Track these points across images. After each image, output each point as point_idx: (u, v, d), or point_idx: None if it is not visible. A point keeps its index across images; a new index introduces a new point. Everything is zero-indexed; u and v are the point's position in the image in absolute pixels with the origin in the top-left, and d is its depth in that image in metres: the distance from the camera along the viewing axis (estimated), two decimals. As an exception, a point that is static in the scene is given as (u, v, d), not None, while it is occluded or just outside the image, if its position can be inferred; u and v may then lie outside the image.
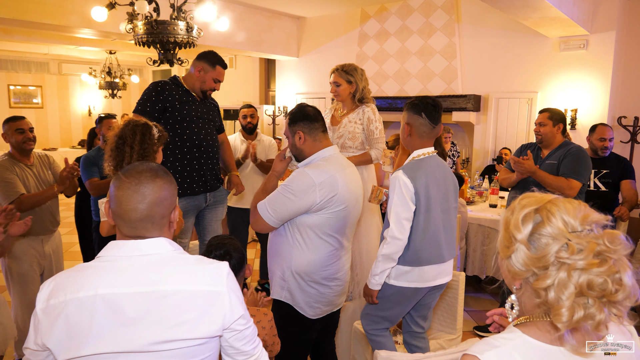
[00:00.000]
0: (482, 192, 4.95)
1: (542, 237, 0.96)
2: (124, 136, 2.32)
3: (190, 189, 3.10)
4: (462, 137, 6.94)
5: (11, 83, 10.93)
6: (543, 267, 0.95)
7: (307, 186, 2.04)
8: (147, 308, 1.16)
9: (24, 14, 5.19)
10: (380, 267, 2.28)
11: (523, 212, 0.99)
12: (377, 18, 7.27)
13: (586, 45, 5.64)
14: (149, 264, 1.20)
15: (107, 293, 1.15)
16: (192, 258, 1.28)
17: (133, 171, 1.24)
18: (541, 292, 0.95)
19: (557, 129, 3.36)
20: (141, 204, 1.21)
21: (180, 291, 1.18)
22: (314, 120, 2.18)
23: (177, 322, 1.17)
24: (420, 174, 2.23)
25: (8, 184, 2.97)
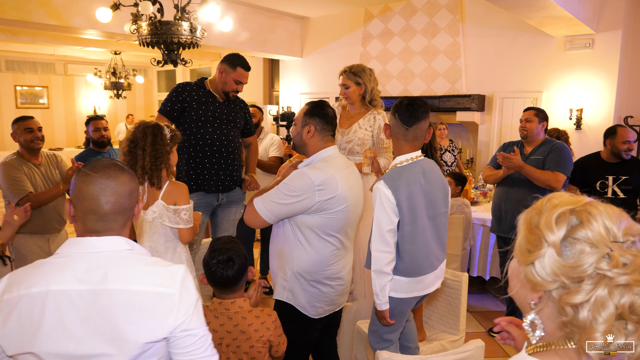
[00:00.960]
0: (487, 193, 4.94)
1: (577, 243, 0.79)
2: (136, 139, 2.32)
3: (202, 186, 3.15)
4: (467, 137, 6.92)
5: (18, 84, 10.99)
6: (577, 279, 0.78)
7: (306, 187, 2.03)
8: (96, 306, 1.15)
9: (29, 16, 5.22)
10: (377, 284, 2.18)
11: (557, 211, 0.82)
12: (381, 18, 7.26)
13: (592, 45, 5.60)
14: (102, 262, 1.19)
15: (58, 290, 1.15)
16: (148, 259, 1.26)
17: (100, 165, 1.25)
18: (569, 309, 0.78)
19: (542, 127, 3.56)
20: (114, 196, 1.22)
21: (128, 291, 1.16)
22: (329, 123, 2.20)
23: (123, 322, 1.15)
24: (402, 183, 2.12)
25: (16, 183, 3.02)
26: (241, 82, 3.23)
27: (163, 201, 2.33)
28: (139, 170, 2.30)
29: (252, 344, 1.80)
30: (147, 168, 2.30)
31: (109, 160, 1.29)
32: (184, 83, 3.28)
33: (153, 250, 2.40)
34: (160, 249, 2.40)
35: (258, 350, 1.82)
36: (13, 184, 3.02)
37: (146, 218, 2.35)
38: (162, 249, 2.41)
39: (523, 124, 3.61)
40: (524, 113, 3.68)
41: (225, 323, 1.81)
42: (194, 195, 3.16)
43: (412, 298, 2.29)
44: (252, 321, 1.82)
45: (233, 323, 1.81)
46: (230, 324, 1.81)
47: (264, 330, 1.83)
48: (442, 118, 6.69)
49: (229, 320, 1.81)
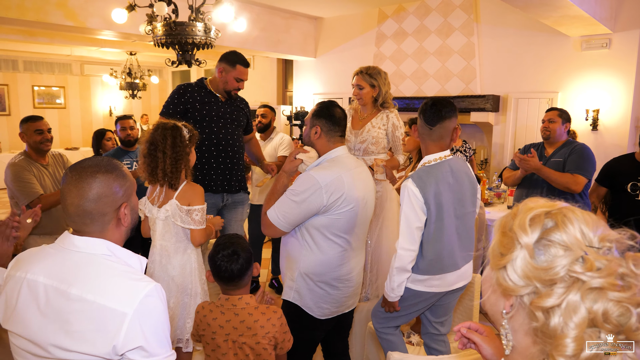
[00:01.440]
0: (501, 194, 4.89)
1: (552, 245, 0.76)
2: (155, 142, 2.30)
3: (209, 187, 3.15)
4: (481, 138, 6.87)
5: (35, 84, 11.17)
6: (549, 282, 0.74)
7: (314, 189, 2.03)
8: (55, 305, 1.16)
9: (47, 17, 5.31)
10: (395, 280, 2.23)
11: (531, 213, 0.79)
12: (395, 18, 7.24)
13: (609, 45, 5.52)
14: (78, 262, 1.20)
15: (32, 279, 1.20)
16: (119, 269, 1.20)
17: (78, 166, 1.25)
18: (540, 314, 0.75)
19: (565, 128, 3.49)
20: (77, 199, 1.21)
21: (85, 300, 1.14)
22: (336, 124, 2.17)
23: (73, 329, 1.13)
24: (430, 182, 2.16)
25: (27, 185, 3.01)
26: (242, 79, 3.21)
27: (177, 201, 2.33)
28: (160, 173, 2.29)
29: (258, 340, 1.81)
30: (167, 171, 2.29)
31: (94, 160, 1.27)
32: (185, 84, 3.25)
33: (163, 250, 2.40)
34: (170, 248, 2.40)
35: (264, 347, 1.83)
36: (23, 186, 3.00)
37: (159, 217, 2.36)
38: (172, 249, 2.40)
39: (546, 124, 3.52)
40: (546, 113, 3.59)
41: (231, 319, 1.82)
42: None
43: (427, 292, 2.29)
44: (258, 317, 1.83)
45: (240, 319, 1.82)
46: (236, 320, 1.82)
47: (269, 327, 1.84)
48: (455, 118, 6.64)
49: (235, 317, 1.82)
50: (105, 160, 1.27)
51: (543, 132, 3.54)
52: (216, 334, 1.83)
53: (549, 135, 3.49)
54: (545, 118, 3.56)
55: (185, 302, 2.42)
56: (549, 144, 3.54)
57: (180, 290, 2.41)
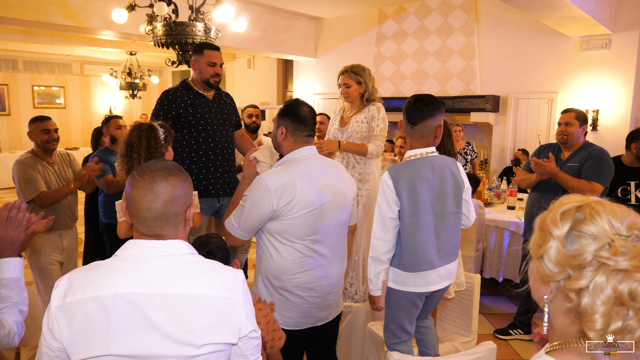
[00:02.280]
0: (500, 194, 4.90)
1: (581, 236, 0.84)
2: (131, 143, 2.37)
3: (206, 190, 3.12)
4: (481, 138, 6.87)
5: (35, 84, 11.17)
6: (578, 267, 0.83)
7: (262, 193, 1.96)
8: (168, 310, 1.16)
9: (47, 17, 5.31)
10: (372, 270, 2.25)
11: (563, 208, 0.88)
12: (395, 18, 7.24)
13: (609, 45, 5.53)
14: (168, 266, 1.20)
15: (128, 292, 1.15)
16: (208, 262, 1.27)
17: (147, 170, 1.24)
18: (573, 295, 0.84)
19: (582, 130, 3.29)
20: (155, 203, 1.21)
21: (201, 296, 1.18)
22: (302, 123, 2.07)
23: (196, 326, 1.16)
24: (405, 175, 2.15)
25: (30, 182, 3.11)
26: (214, 62, 3.10)
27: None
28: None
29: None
30: None
31: (161, 163, 1.28)
32: (171, 89, 3.14)
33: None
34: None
35: None
36: (27, 183, 3.11)
37: None
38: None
39: (562, 127, 3.28)
40: (562, 115, 3.35)
41: None
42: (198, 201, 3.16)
43: (412, 293, 2.27)
44: None
45: None
46: None
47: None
48: (456, 119, 6.65)
49: None
50: (171, 163, 1.29)
51: (560, 137, 3.32)
52: None
53: (566, 139, 3.28)
54: (561, 121, 3.32)
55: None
56: (567, 147, 3.34)
57: None
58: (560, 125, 3.33)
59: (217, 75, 3.13)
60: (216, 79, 3.14)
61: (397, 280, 2.28)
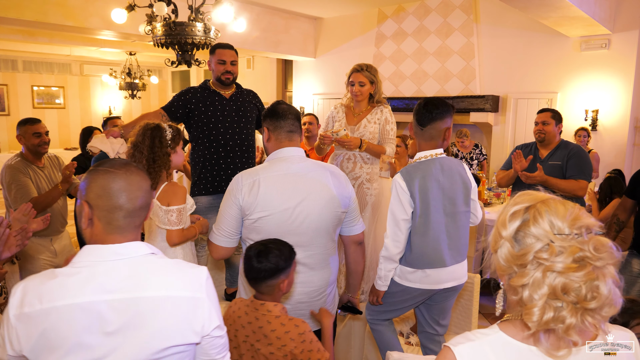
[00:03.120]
0: (500, 194, 4.90)
1: (527, 237, 0.95)
2: (137, 142, 2.34)
3: (219, 187, 3.15)
4: (480, 138, 6.87)
5: (35, 84, 11.16)
6: (522, 265, 0.94)
7: (231, 189, 1.99)
8: (129, 314, 1.13)
9: (46, 17, 5.30)
10: (382, 268, 2.30)
11: (512, 209, 0.99)
12: (395, 18, 7.24)
13: (608, 45, 5.53)
14: (127, 269, 1.16)
15: (86, 302, 1.11)
16: (170, 262, 1.25)
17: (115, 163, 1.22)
18: (518, 289, 0.95)
19: (558, 129, 3.46)
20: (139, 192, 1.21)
21: (162, 297, 1.16)
22: (280, 118, 2.05)
23: (158, 328, 1.15)
24: (417, 176, 2.20)
25: (22, 188, 3.03)
26: (224, 60, 3.17)
27: (158, 201, 2.32)
28: None
29: (272, 350, 1.72)
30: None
31: (122, 160, 1.27)
32: (190, 87, 3.27)
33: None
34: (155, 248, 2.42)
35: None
36: (19, 189, 3.02)
37: None
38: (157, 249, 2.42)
39: (540, 126, 3.48)
40: (539, 115, 3.55)
41: (252, 322, 1.77)
42: (210, 197, 3.17)
43: (416, 289, 2.29)
44: (276, 327, 1.73)
45: (258, 324, 1.76)
46: (256, 324, 1.76)
47: (287, 340, 1.71)
48: (455, 119, 6.63)
49: (255, 320, 1.77)
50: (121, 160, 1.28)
51: (537, 135, 3.50)
52: (238, 332, 1.79)
53: (543, 137, 3.46)
54: (538, 120, 3.51)
55: None
56: (542, 145, 3.51)
57: None
58: (537, 125, 3.52)
59: (228, 73, 3.19)
60: (228, 77, 3.20)
61: (402, 276, 2.31)
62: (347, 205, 2.11)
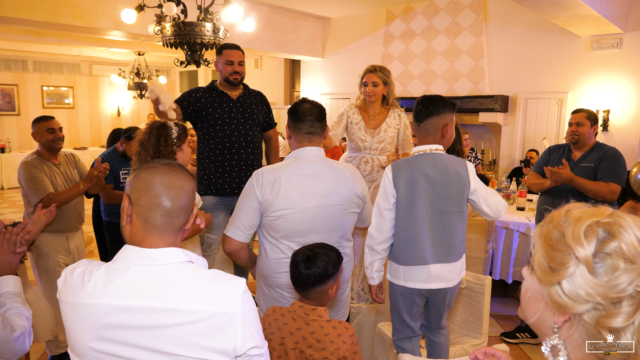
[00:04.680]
0: (510, 195, 4.85)
1: (608, 258, 0.69)
2: (143, 141, 2.37)
3: (222, 189, 3.14)
4: (489, 139, 6.83)
5: (44, 84, 11.24)
6: (615, 300, 0.68)
7: (251, 184, 2.03)
8: (154, 324, 1.10)
9: (56, 17, 5.33)
10: (367, 259, 2.31)
11: (584, 224, 0.72)
12: (403, 18, 7.22)
13: (620, 44, 5.47)
14: (159, 276, 1.13)
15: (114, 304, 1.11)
16: (206, 273, 1.18)
17: (158, 163, 1.20)
18: (606, 333, 0.69)
19: (593, 130, 3.28)
20: (179, 191, 1.17)
21: (191, 311, 1.11)
22: (299, 120, 2.07)
23: (185, 342, 1.10)
24: (405, 169, 2.23)
25: (38, 183, 3.05)
26: (232, 60, 3.18)
27: None
28: None
29: (326, 355, 1.71)
30: None
31: (167, 160, 1.26)
32: (197, 87, 3.28)
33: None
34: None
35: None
36: (34, 184, 3.05)
37: None
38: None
39: (574, 127, 3.28)
40: (573, 115, 3.34)
41: (302, 327, 1.74)
42: (213, 198, 3.17)
43: (407, 289, 2.28)
44: (329, 331, 1.73)
45: (310, 329, 1.74)
46: (307, 330, 1.74)
47: (339, 343, 1.72)
48: (464, 119, 6.61)
49: (306, 326, 1.74)
50: (174, 166, 1.23)
51: (571, 137, 3.30)
52: (285, 339, 1.76)
53: (577, 139, 3.27)
54: (572, 121, 3.32)
55: None
56: (578, 147, 3.32)
57: None
58: (571, 126, 3.32)
59: (236, 73, 3.20)
60: (236, 77, 3.21)
61: (391, 273, 2.35)
62: (362, 206, 2.19)
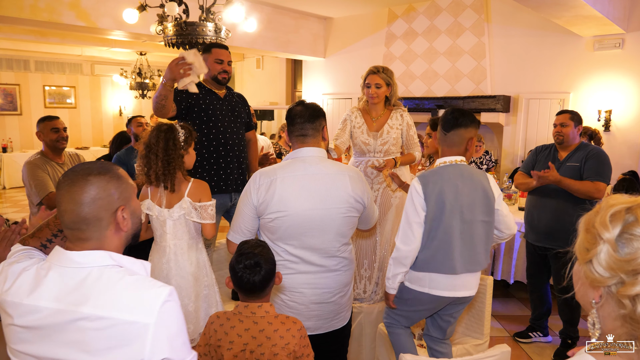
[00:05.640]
0: (511, 195, 4.85)
1: (634, 239, 0.81)
2: (150, 144, 2.37)
3: (217, 187, 3.14)
4: (491, 139, 6.82)
5: (46, 84, 11.26)
6: (632, 272, 0.80)
7: (248, 188, 2.03)
8: (64, 328, 1.09)
9: (60, 17, 5.35)
10: (391, 270, 2.28)
11: (612, 210, 0.85)
12: (405, 18, 7.21)
13: (622, 45, 5.46)
14: (78, 279, 1.12)
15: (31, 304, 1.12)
16: (129, 279, 1.14)
17: (70, 171, 1.21)
18: (627, 302, 0.81)
19: (577, 130, 3.40)
20: (72, 204, 1.16)
21: (99, 317, 1.08)
22: (291, 123, 2.08)
23: (95, 348, 1.08)
24: (435, 179, 2.21)
25: (39, 182, 3.08)
26: (222, 59, 3.17)
27: (189, 198, 2.39)
28: (153, 175, 2.37)
29: (276, 351, 1.72)
30: (159, 174, 2.36)
31: (86, 163, 1.24)
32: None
33: (178, 248, 2.44)
34: (184, 246, 2.45)
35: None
36: (36, 183, 3.09)
37: (171, 216, 2.39)
38: (185, 246, 2.46)
39: (558, 128, 3.42)
40: (557, 117, 3.48)
41: (250, 327, 1.75)
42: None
43: (431, 296, 2.26)
44: (277, 327, 1.74)
45: (259, 328, 1.74)
46: (255, 329, 1.74)
47: (289, 338, 1.74)
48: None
49: (254, 325, 1.75)
50: (97, 163, 1.23)
51: (556, 137, 3.45)
52: (233, 343, 1.74)
53: (562, 139, 3.41)
54: (556, 122, 3.46)
55: (205, 294, 2.49)
56: (563, 147, 3.45)
57: (198, 284, 2.48)
58: (555, 127, 3.46)
59: (224, 72, 3.19)
60: (224, 76, 3.20)
61: (412, 280, 2.30)
62: (361, 210, 2.12)
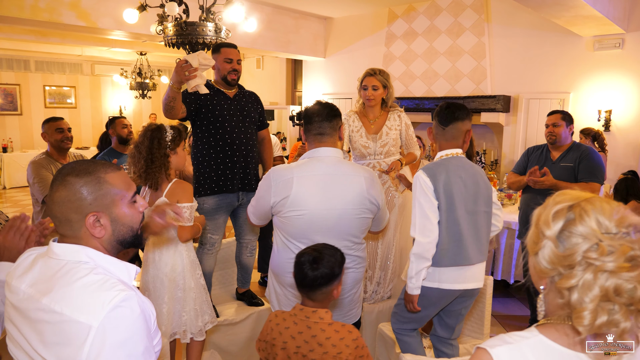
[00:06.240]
0: (511, 195, 4.86)
1: (572, 236, 0.90)
2: (137, 143, 2.40)
3: (224, 186, 3.14)
4: (491, 139, 6.82)
5: (47, 84, 11.26)
6: (569, 266, 0.89)
7: (266, 185, 2.09)
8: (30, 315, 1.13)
9: (60, 17, 5.35)
10: (414, 268, 2.19)
11: (555, 208, 0.93)
12: (405, 18, 7.22)
13: (622, 44, 5.46)
14: (52, 270, 1.15)
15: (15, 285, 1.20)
16: (93, 278, 1.11)
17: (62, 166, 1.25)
18: (564, 292, 0.90)
19: (569, 130, 3.44)
20: (48, 199, 1.22)
21: (53, 311, 1.08)
22: (308, 122, 2.13)
23: (47, 340, 1.09)
24: (440, 171, 2.21)
25: (42, 181, 3.13)
26: (231, 58, 3.19)
27: (166, 199, 2.37)
28: (136, 173, 2.38)
29: (327, 359, 1.68)
30: (141, 172, 2.37)
31: (80, 161, 1.25)
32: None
33: (155, 247, 2.47)
34: (162, 246, 2.46)
35: None
36: (39, 182, 3.14)
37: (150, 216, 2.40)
38: (163, 247, 2.46)
39: (550, 129, 3.47)
40: (549, 117, 3.53)
41: (303, 331, 1.72)
42: (216, 197, 3.16)
43: (442, 290, 2.25)
44: (330, 335, 1.70)
45: (311, 333, 1.71)
46: (308, 334, 1.72)
47: (342, 347, 1.69)
48: (466, 119, 6.60)
49: (307, 329, 1.72)
50: (83, 164, 1.21)
51: (549, 137, 3.49)
52: (287, 344, 1.73)
53: (555, 139, 3.44)
54: (548, 122, 3.50)
55: (178, 296, 2.47)
56: (555, 147, 3.49)
57: (173, 286, 2.47)
58: (547, 127, 3.50)
59: (234, 72, 3.19)
60: (233, 77, 3.20)
61: (429, 277, 2.25)
62: (375, 211, 2.16)
